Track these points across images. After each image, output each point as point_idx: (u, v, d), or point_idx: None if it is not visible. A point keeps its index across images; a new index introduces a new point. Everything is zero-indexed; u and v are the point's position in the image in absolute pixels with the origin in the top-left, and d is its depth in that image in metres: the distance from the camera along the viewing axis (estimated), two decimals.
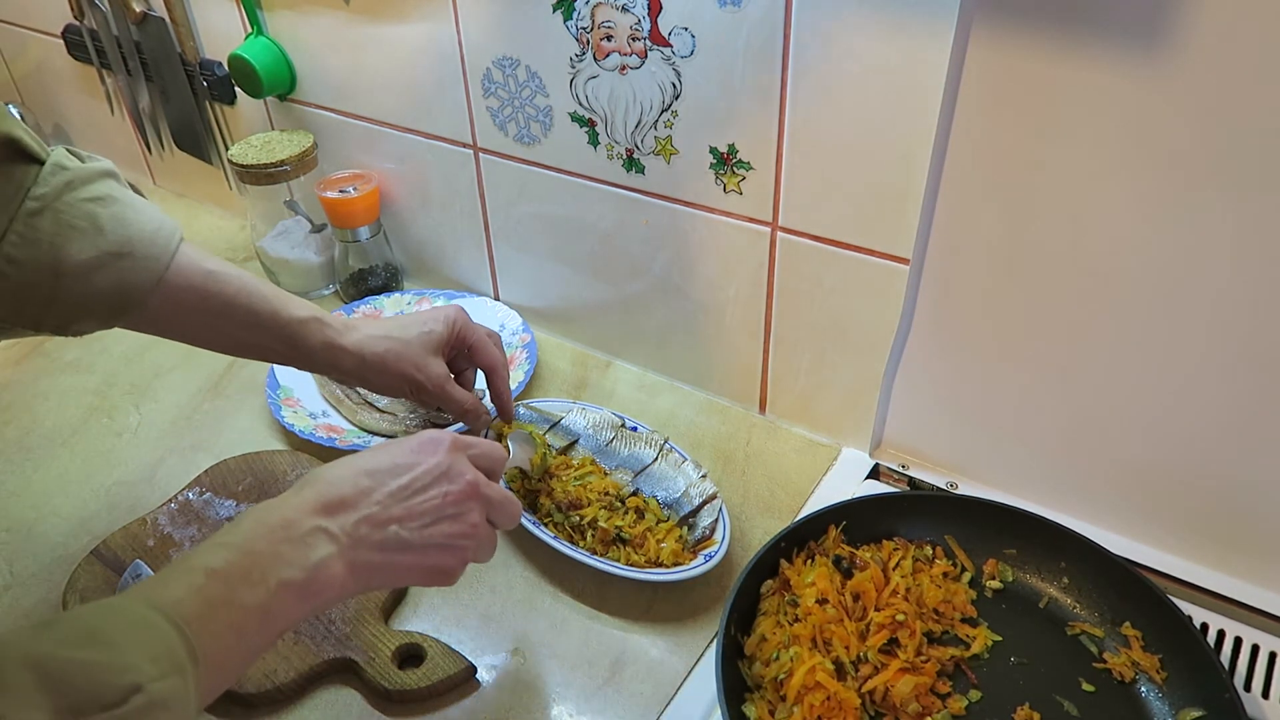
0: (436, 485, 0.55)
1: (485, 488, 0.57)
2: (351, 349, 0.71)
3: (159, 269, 0.63)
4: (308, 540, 0.50)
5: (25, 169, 0.60)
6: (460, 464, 0.56)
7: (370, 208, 1.03)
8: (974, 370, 0.76)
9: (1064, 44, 0.59)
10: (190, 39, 1.11)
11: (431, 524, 0.54)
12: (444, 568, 0.56)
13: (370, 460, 0.55)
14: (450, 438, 0.57)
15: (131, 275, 0.62)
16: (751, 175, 0.76)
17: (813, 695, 0.59)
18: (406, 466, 0.55)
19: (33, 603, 0.72)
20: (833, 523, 0.72)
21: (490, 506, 0.58)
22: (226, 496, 0.79)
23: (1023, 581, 0.70)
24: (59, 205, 0.60)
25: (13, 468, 0.86)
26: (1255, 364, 0.63)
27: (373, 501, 0.53)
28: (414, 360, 0.73)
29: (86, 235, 0.60)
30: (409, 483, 0.54)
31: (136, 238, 0.62)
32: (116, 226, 0.62)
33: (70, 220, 0.60)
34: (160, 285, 0.64)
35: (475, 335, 0.78)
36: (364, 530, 0.52)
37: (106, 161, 0.65)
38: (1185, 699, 0.61)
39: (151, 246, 0.63)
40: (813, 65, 0.68)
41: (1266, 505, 0.67)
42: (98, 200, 0.62)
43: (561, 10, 0.78)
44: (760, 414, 0.90)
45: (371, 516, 0.52)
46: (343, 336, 0.71)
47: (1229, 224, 0.59)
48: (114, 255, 0.61)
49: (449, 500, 0.55)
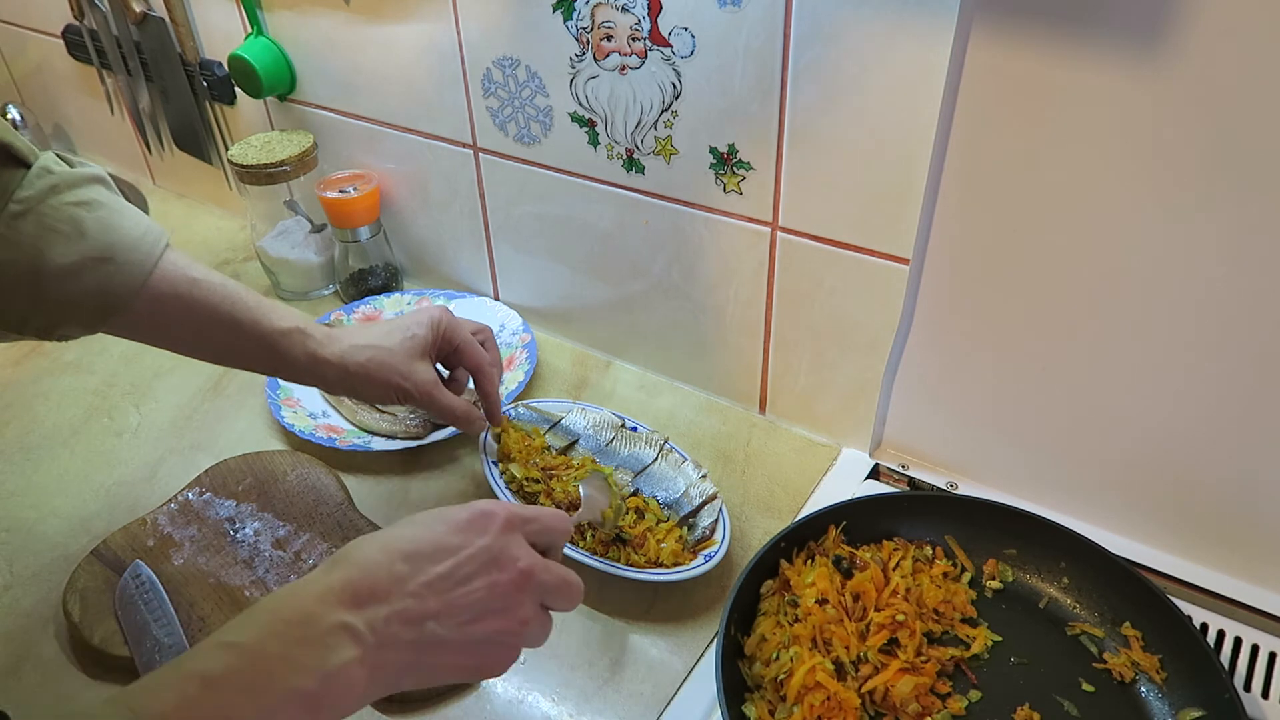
0: (483, 574, 0.48)
1: (541, 574, 0.50)
2: (334, 361, 0.69)
3: (142, 275, 0.62)
4: (327, 640, 0.43)
5: (11, 172, 0.59)
6: (513, 547, 0.50)
7: (370, 208, 1.03)
8: (974, 370, 0.76)
9: (1064, 44, 0.59)
10: (190, 39, 1.11)
11: (474, 620, 0.47)
12: (485, 667, 0.50)
13: (410, 540, 0.48)
14: (505, 513, 0.51)
15: (114, 280, 0.61)
16: (751, 175, 0.76)
17: (813, 695, 0.59)
18: (450, 549, 0.48)
19: (33, 603, 0.72)
20: (833, 523, 0.71)
21: (545, 593, 0.51)
22: (226, 496, 0.79)
23: (1023, 581, 0.70)
24: (42, 209, 0.59)
25: (13, 468, 0.86)
26: (1255, 364, 0.63)
27: (408, 593, 0.46)
28: (398, 369, 0.71)
29: (69, 239, 0.60)
30: (451, 570, 0.47)
31: (120, 243, 0.62)
32: (100, 231, 0.61)
33: (53, 223, 0.59)
34: (143, 291, 0.63)
35: (460, 336, 0.76)
36: (395, 628, 0.45)
37: (96, 167, 0.64)
38: (1185, 699, 0.61)
39: (134, 252, 0.62)
40: (813, 65, 0.68)
41: (1266, 505, 0.67)
42: (82, 205, 0.61)
43: (561, 10, 0.78)
44: (760, 414, 0.90)
45: (405, 611, 0.45)
46: (325, 348, 0.70)
47: (1229, 224, 0.59)
48: (96, 260, 0.61)
49: (496, 592, 0.48)
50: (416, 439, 0.85)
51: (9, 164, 0.59)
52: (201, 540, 0.75)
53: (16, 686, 0.66)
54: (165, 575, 0.71)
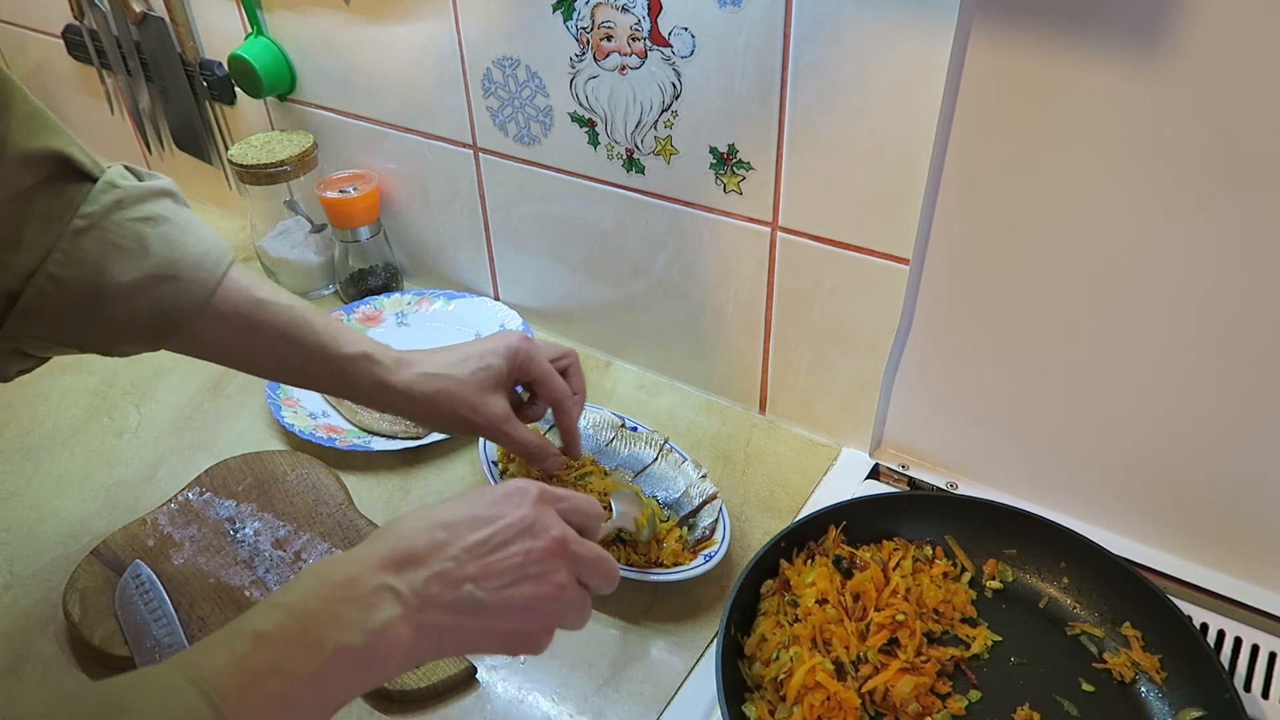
0: (519, 541, 0.49)
1: (574, 545, 0.51)
2: (400, 389, 0.67)
3: (204, 294, 0.61)
4: (371, 600, 0.45)
5: (76, 187, 0.58)
6: (547, 518, 0.51)
7: (370, 208, 1.03)
8: (974, 370, 0.76)
9: (1064, 44, 0.59)
10: (190, 39, 1.11)
11: (511, 584, 0.48)
12: (525, 633, 0.50)
13: (447, 511, 0.50)
14: (538, 489, 0.52)
15: (175, 299, 0.60)
16: (751, 175, 0.76)
17: (813, 695, 0.59)
18: (486, 519, 0.50)
19: (32, 603, 0.72)
20: (833, 523, 0.71)
21: (581, 566, 0.52)
22: (226, 496, 0.79)
23: (1023, 581, 0.70)
24: (106, 224, 0.58)
25: (13, 468, 0.86)
26: (1255, 364, 0.63)
27: (447, 557, 0.47)
28: (468, 401, 0.68)
29: (132, 256, 0.59)
30: (488, 537, 0.49)
31: (183, 260, 0.60)
32: (164, 248, 0.60)
33: (116, 240, 0.58)
34: (205, 311, 0.61)
35: (538, 369, 0.71)
36: (435, 589, 0.46)
37: (165, 180, 0.63)
38: (1185, 699, 0.61)
39: (197, 270, 0.61)
40: (813, 65, 0.68)
41: (1266, 505, 0.67)
42: (147, 220, 0.60)
43: (561, 10, 0.78)
44: (760, 414, 0.90)
45: (444, 574, 0.47)
46: (392, 375, 0.67)
47: (1229, 224, 0.59)
48: (158, 278, 0.59)
49: (532, 558, 0.49)
50: (416, 439, 0.85)
51: (73, 178, 0.58)
52: (201, 540, 0.75)
53: (16, 686, 0.66)
54: (165, 575, 0.71)
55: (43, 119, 0.58)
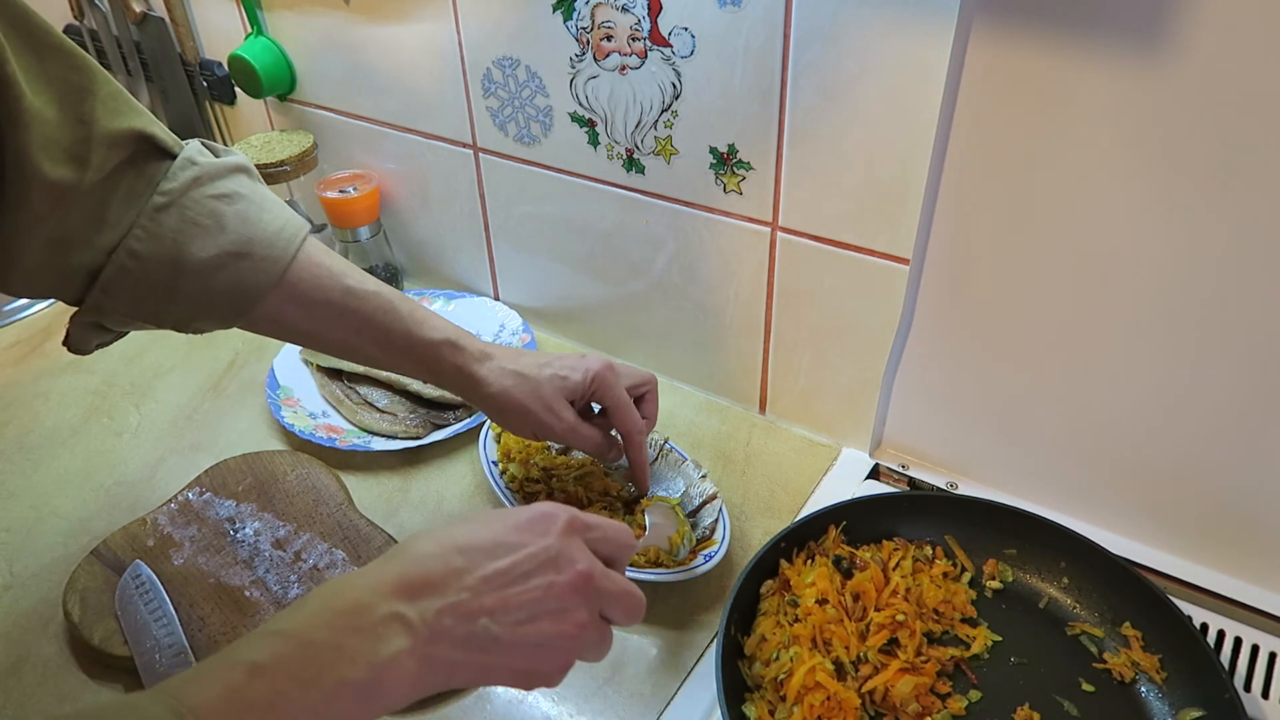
0: (540, 574, 0.46)
1: (600, 579, 0.48)
2: (480, 377, 0.67)
3: (277, 271, 0.61)
4: (379, 630, 0.42)
5: (157, 164, 0.59)
6: (572, 549, 0.48)
7: (370, 208, 1.03)
8: (974, 370, 0.76)
9: (1064, 44, 0.59)
10: (190, 39, 1.11)
11: (528, 620, 0.46)
12: (539, 672, 0.47)
13: (467, 534, 0.47)
14: (567, 516, 0.49)
15: (249, 276, 0.61)
16: (751, 175, 0.76)
17: (813, 695, 0.59)
18: (508, 547, 0.47)
19: (33, 603, 0.72)
20: (833, 523, 0.71)
21: (605, 601, 0.49)
22: (226, 496, 0.79)
23: (1023, 581, 0.70)
24: (185, 201, 0.59)
25: (13, 468, 0.86)
26: (1256, 364, 0.63)
27: (462, 586, 0.45)
28: (545, 400, 0.68)
29: (209, 233, 0.59)
30: (508, 567, 0.46)
31: (258, 238, 0.61)
32: (239, 225, 0.60)
33: (195, 217, 0.59)
34: (281, 287, 0.62)
35: (614, 397, 0.70)
36: (447, 621, 0.44)
37: (240, 155, 0.63)
38: (1185, 699, 0.61)
39: (271, 248, 0.61)
40: (813, 65, 0.68)
41: (1266, 505, 0.67)
42: (224, 197, 0.60)
43: (561, 10, 0.78)
44: (760, 414, 0.90)
45: (459, 605, 0.44)
46: (475, 363, 0.68)
47: (1230, 223, 0.59)
48: (234, 255, 0.60)
49: (553, 593, 0.46)
50: (416, 439, 0.85)
51: (154, 155, 0.59)
52: (201, 540, 0.75)
53: (16, 686, 0.66)
54: (165, 575, 0.71)
55: (125, 99, 0.58)
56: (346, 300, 0.64)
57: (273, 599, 0.70)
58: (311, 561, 0.73)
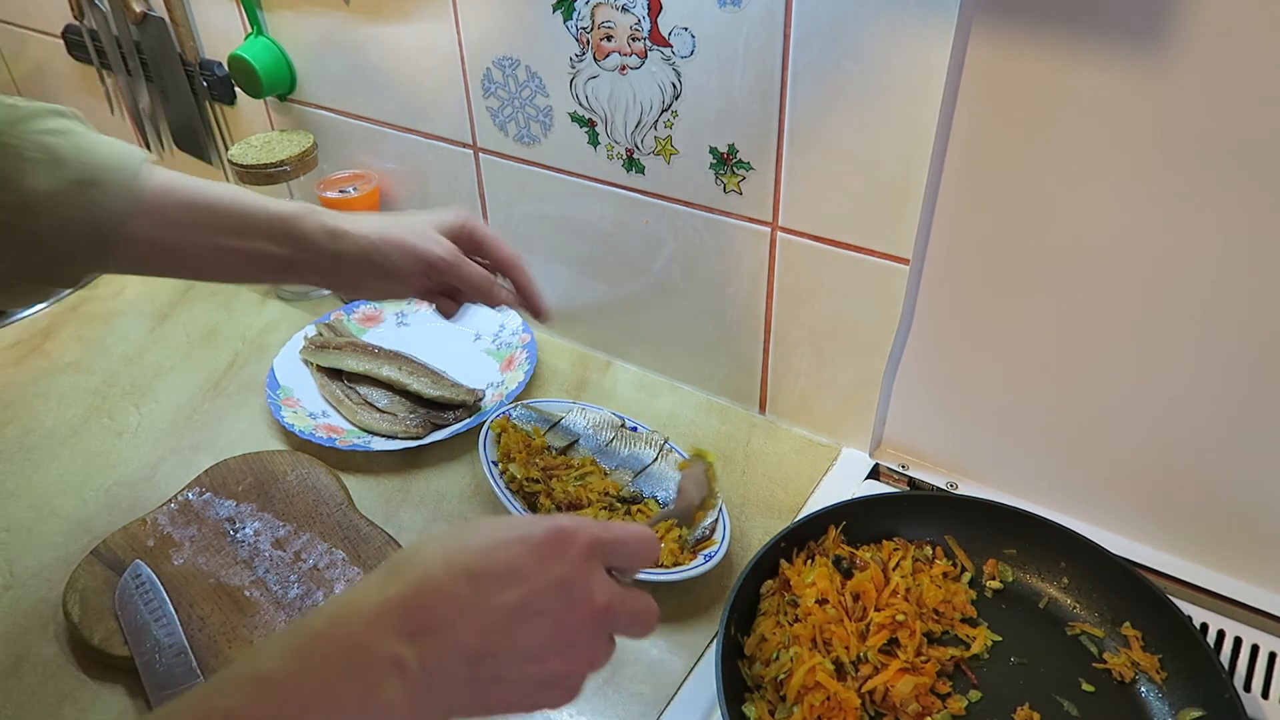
0: (554, 609, 0.43)
1: (618, 608, 0.45)
2: (354, 232, 0.66)
3: (130, 192, 0.60)
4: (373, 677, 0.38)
5: None
6: (591, 580, 0.44)
7: (370, 208, 1.03)
8: (974, 370, 0.76)
9: (1064, 44, 0.59)
10: (190, 39, 1.11)
11: (535, 659, 0.42)
12: (542, 704, 0.45)
13: (479, 555, 0.43)
14: (586, 539, 0.44)
15: (104, 201, 0.59)
16: (751, 175, 0.76)
17: (813, 695, 0.59)
18: (521, 576, 0.42)
19: (33, 603, 0.72)
20: (833, 523, 0.71)
21: (619, 625, 0.46)
22: (226, 496, 0.79)
23: (1023, 581, 0.70)
24: (9, 139, 0.57)
25: (13, 468, 0.86)
26: (1255, 364, 0.63)
27: (469, 625, 0.41)
28: (421, 231, 0.68)
29: (44, 165, 0.57)
30: (519, 604, 0.42)
31: (104, 164, 0.59)
32: (77, 155, 0.58)
33: (23, 153, 0.57)
34: (141, 211, 0.60)
35: (484, 231, 0.72)
36: (450, 665, 0.40)
37: (67, 108, 0.62)
38: (1185, 699, 0.61)
39: (120, 172, 0.59)
40: (813, 65, 0.68)
41: (1266, 505, 0.67)
42: (52, 133, 0.58)
43: (561, 10, 0.78)
44: (760, 414, 0.90)
45: (463, 648, 0.40)
46: (343, 223, 0.67)
47: (1229, 224, 0.59)
48: (80, 183, 0.58)
49: (563, 628, 0.43)
50: (416, 439, 0.85)
51: None
52: (201, 540, 0.75)
53: (16, 686, 0.66)
54: (165, 575, 0.71)
55: None
56: (204, 200, 0.63)
57: (273, 599, 0.70)
58: (311, 561, 0.73)
